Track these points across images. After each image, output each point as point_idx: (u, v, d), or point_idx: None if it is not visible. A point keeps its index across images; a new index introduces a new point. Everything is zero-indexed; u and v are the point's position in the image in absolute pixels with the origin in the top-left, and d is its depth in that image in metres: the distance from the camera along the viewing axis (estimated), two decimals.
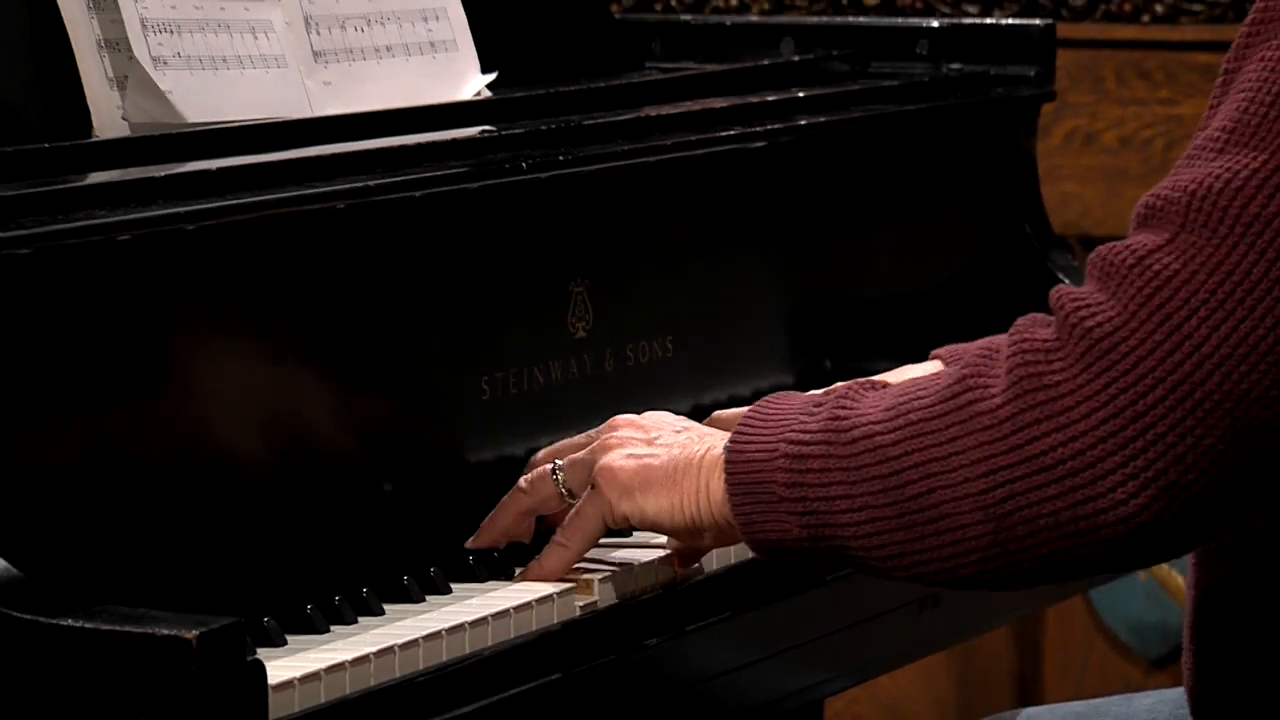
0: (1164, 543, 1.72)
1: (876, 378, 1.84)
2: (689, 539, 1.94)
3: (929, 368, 1.84)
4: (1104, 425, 1.69)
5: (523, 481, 1.99)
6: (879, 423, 1.80)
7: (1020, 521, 1.72)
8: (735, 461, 1.86)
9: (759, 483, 1.85)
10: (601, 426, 1.96)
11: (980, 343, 1.77)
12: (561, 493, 1.97)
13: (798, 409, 1.85)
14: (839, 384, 1.84)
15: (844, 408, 1.82)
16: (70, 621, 1.60)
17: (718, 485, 1.89)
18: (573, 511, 1.94)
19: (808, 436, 1.82)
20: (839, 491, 1.81)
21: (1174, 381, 1.67)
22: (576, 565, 1.98)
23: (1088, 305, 1.70)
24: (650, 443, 1.95)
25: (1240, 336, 1.68)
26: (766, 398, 1.88)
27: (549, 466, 1.98)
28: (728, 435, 1.88)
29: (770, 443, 1.84)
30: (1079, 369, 1.69)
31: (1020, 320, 1.74)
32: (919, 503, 1.77)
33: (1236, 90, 1.72)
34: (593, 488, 1.94)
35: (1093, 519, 1.70)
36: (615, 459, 1.94)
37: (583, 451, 1.96)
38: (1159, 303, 1.68)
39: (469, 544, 1.97)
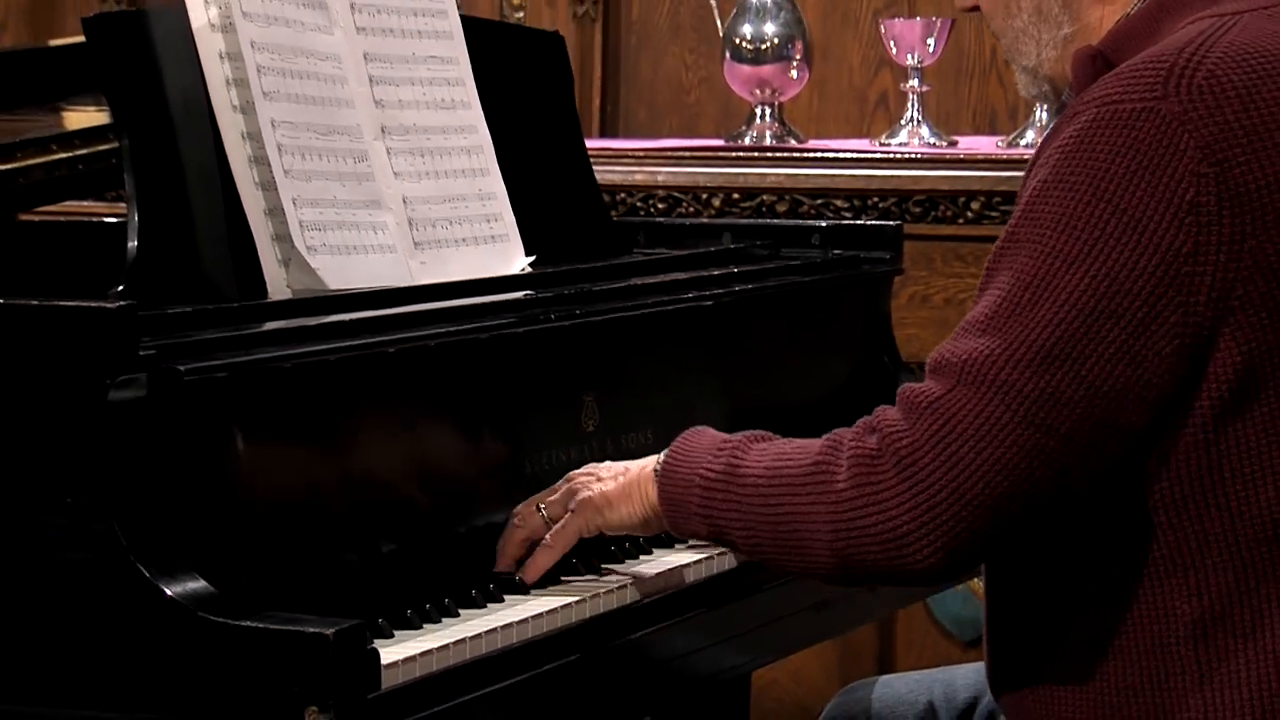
0: (948, 579, 1.83)
1: (757, 431, 1.91)
2: (644, 530, 1.98)
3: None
4: (909, 513, 1.74)
5: (515, 519, 2.02)
6: (762, 477, 1.84)
7: (855, 563, 1.79)
8: (663, 485, 1.92)
9: (680, 501, 1.90)
10: (563, 479, 2.02)
11: (833, 434, 1.82)
12: (545, 521, 1.99)
13: (707, 449, 1.90)
14: (739, 433, 1.91)
15: (737, 457, 1.87)
16: (247, 623, 1.65)
17: (652, 493, 1.93)
18: (559, 525, 1.98)
19: (713, 476, 1.87)
20: (734, 517, 1.86)
21: (953, 487, 1.73)
22: (589, 580, 2.00)
23: (896, 431, 1.76)
24: (601, 480, 1.99)
25: (995, 458, 1.73)
26: (684, 434, 1.95)
27: (533, 506, 2.01)
28: (653, 459, 1.95)
29: (688, 475, 1.90)
30: (892, 475, 1.75)
31: (859, 422, 1.81)
32: (787, 536, 1.82)
33: (994, 286, 1.78)
34: (572, 512, 1.98)
35: (903, 567, 1.77)
36: (585, 493, 1.98)
37: (556, 494, 2.01)
38: (942, 434, 1.73)
39: (496, 568, 1.99)
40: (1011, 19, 1.90)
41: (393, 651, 1.71)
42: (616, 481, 1.96)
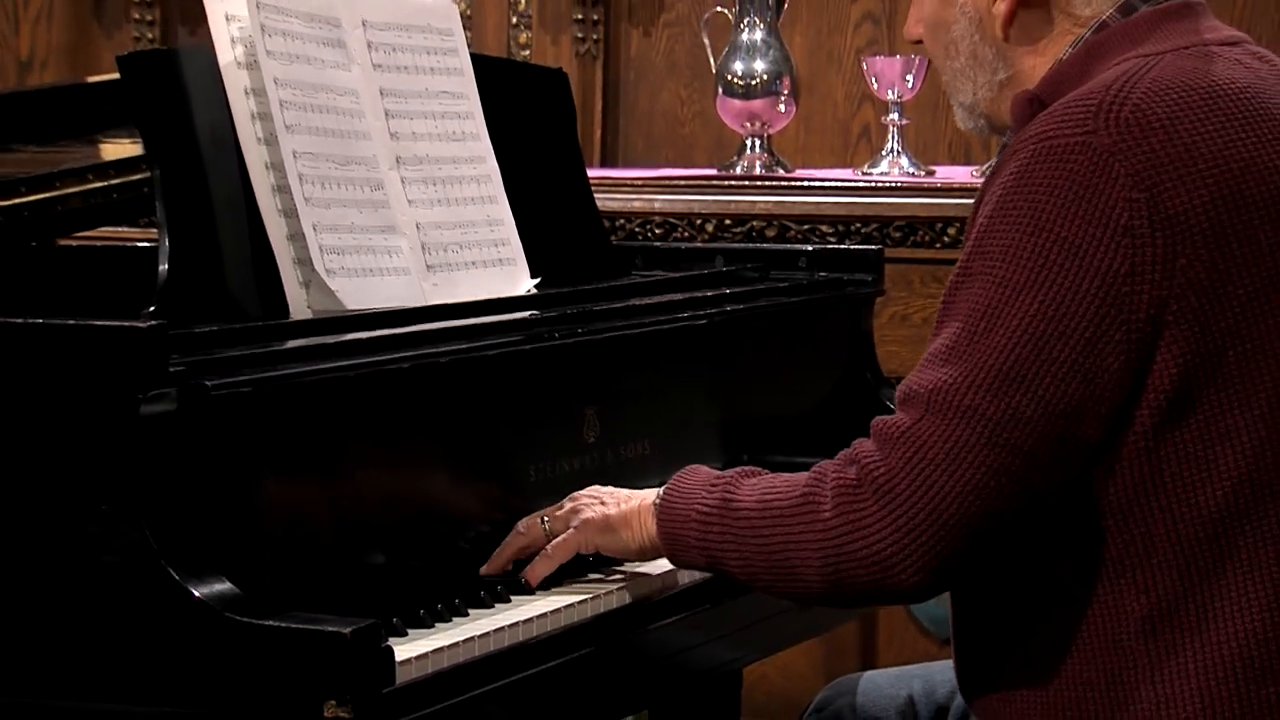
0: (933, 594, 1.81)
1: (747, 467, 1.91)
2: (639, 557, 1.99)
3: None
4: (891, 537, 1.75)
5: (520, 527, 2.01)
6: (754, 510, 1.84)
7: (844, 586, 1.80)
8: (661, 519, 1.92)
9: (678, 535, 1.90)
10: (567, 498, 2.01)
11: (817, 467, 1.83)
12: (546, 534, 1.99)
13: (702, 485, 1.90)
14: (731, 470, 1.91)
15: (730, 492, 1.87)
16: (270, 622, 1.65)
17: (651, 526, 1.93)
18: (560, 538, 1.97)
19: (708, 510, 1.88)
20: (729, 548, 1.86)
21: (929, 510, 1.74)
22: (591, 579, 2.00)
23: (873, 461, 1.77)
24: (605, 504, 1.99)
25: (965, 479, 1.74)
26: (680, 472, 1.94)
27: (537, 519, 2.00)
28: (652, 493, 1.95)
29: (684, 510, 1.90)
30: (873, 503, 1.76)
31: (840, 455, 1.82)
32: (780, 564, 1.82)
33: (953, 318, 1.78)
34: (574, 529, 1.97)
35: (891, 587, 1.78)
36: (587, 513, 1.98)
37: (561, 510, 2.00)
38: (915, 462, 1.74)
39: (483, 570, 1.99)
40: (951, 60, 1.90)
41: (406, 649, 1.71)
42: (618, 508, 1.96)
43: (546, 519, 1.99)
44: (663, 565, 2.05)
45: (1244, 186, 1.73)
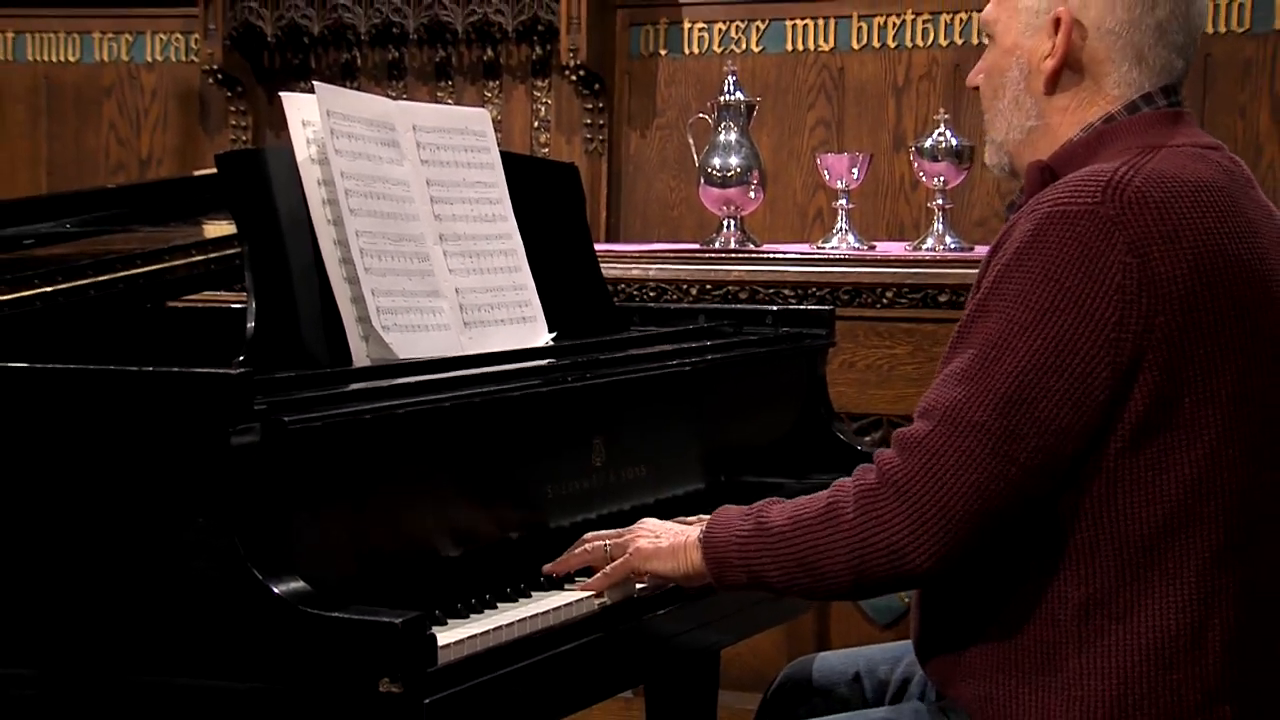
0: (941, 579, 1.78)
1: (770, 499, 1.87)
2: (684, 583, 1.93)
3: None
4: (907, 528, 1.73)
5: (586, 547, 1.97)
6: (785, 526, 1.81)
7: (867, 576, 1.77)
8: (706, 549, 1.87)
9: (722, 559, 1.86)
10: (630, 527, 1.97)
11: (837, 483, 1.81)
12: (606, 555, 1.95)
13: (736, 516, 1.87)
14: (756, 503, 1.88)
15: (762, 517, 1.84)
16: (335, 614, 1.65)
17: (697, 558, 1.88)
18: (617, 562, 1.93)
19: (746, 534, 1.84)
20: (767, 561, 1.82)
21: (941, 506, 1.72)
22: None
23: (893, 466, 1.75)
24: (659, 536, 1.94)
25: (973, 480, 1.72)
26: (715, 511, 1.90)
27: (602, 543, 1.96)
28: (696, 529, 1.90)
29: (724, 538, 1.86)
30: (892, 500, 1.74)
31: (858, 469, 1.80)
32: (813, 567, 1.79)
33: (969, 345, 1.76)
34: (629, 554, 1.93)
35: (907, 572, 1.75)
36: (641, 544, 1.94)
37: (621, 538, 1.96)
38: (929, 465, 1.73)
39: (547, 569, 1.95)
40: (996, 100, 1.88)
41: (446, 636, 1.69)
42: (668, 541, 1.91)
43: (609, 543, 1.94)
44: None
45: (1215, 267, 1.72)
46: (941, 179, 3.57)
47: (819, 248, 3.64)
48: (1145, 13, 1.80)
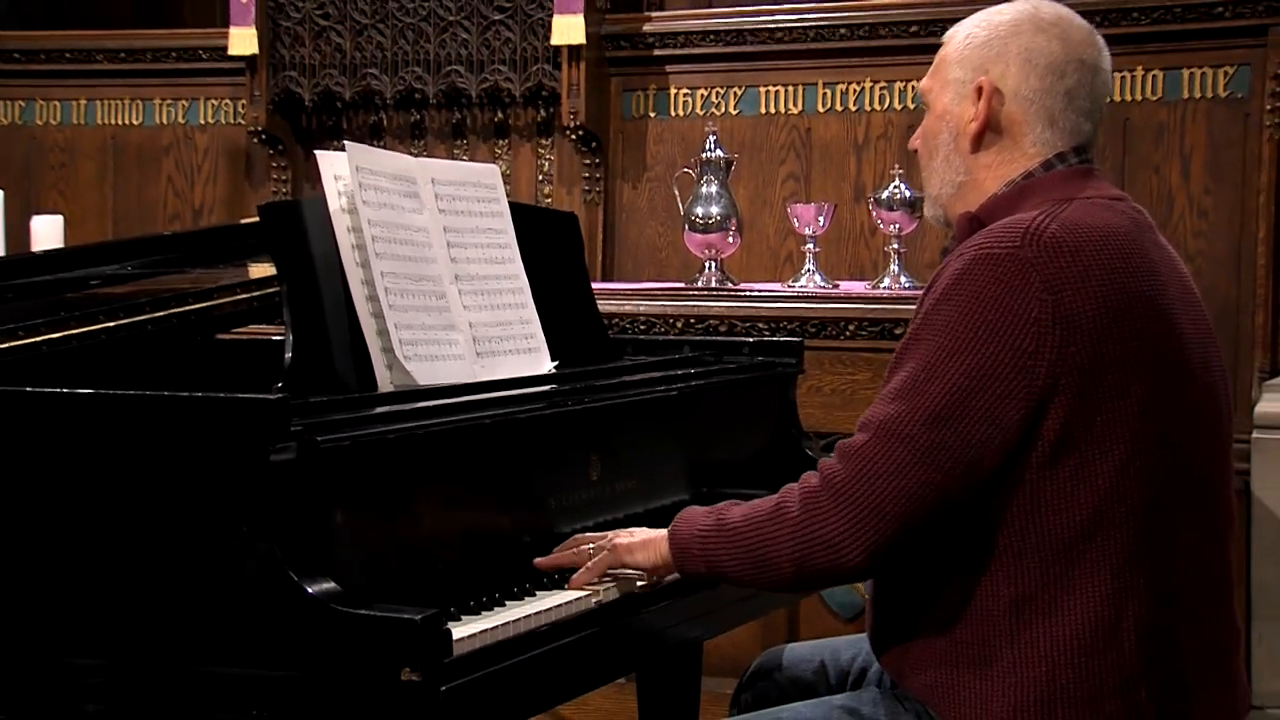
0: (872, 573, 1.80)
1: (732, 500, 1.88)
2: (654, 573, 1.95)
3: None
4: (843, 525, 1.74)
5: (572, 549, 1.97)
6: (740, 522, 1.82)
7: (807, 569, 1.77)
8: (672, 541, 1.90)
9: (684, 550, 1.88)
10: (609, 533, 1.98)
11: (785, 488, 1.81)
12: (590, 554, 1.95)
13: (699, 514, 1.88)
14: (718, 504, 1.88)
15: (721, 515, 1.85)
16: (362, 611, 1.65)
17: (664, 549, 1.91)
18: (598, 557, 1.94)
19: (706, 529, 1.86)
20: (723, 553, 1.83)
21: (873, 507, 1.73)
22: (595, 584, 1.95)
23: (834, 471, 1.77)
24: (633, 535, 1.97)
25: (901, 486, 1.73)
26: (684, 510, 1.91)
27: (586, 543, 1.97)
28: (666, 530, 1.91)
29: (687, 532, 1.88)
30: (830, 501, 1.75)
31: (805, 474, 1.81)
32: (761, 559, 1.80)
33: (903, 368, 1.77)
34: (608, 550, 1.95)
35: (841, 566, 1.75)
36: (621, 541, 1.96)
37: (602, 540, 1.97)
38: (865, 471, 1.73)
39: (538, 562, 1.95)
40: (932, 160, 1.89)
41: (460, 630, 1.69)
42: (642, 537, 1.94)
43: (591, 545, 1.95)
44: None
45: (1121, 303, 1.72)
46: (897, 226, 3.57)
47: (790, 286, 3.63)
48: (1055, 81, 1.82)
